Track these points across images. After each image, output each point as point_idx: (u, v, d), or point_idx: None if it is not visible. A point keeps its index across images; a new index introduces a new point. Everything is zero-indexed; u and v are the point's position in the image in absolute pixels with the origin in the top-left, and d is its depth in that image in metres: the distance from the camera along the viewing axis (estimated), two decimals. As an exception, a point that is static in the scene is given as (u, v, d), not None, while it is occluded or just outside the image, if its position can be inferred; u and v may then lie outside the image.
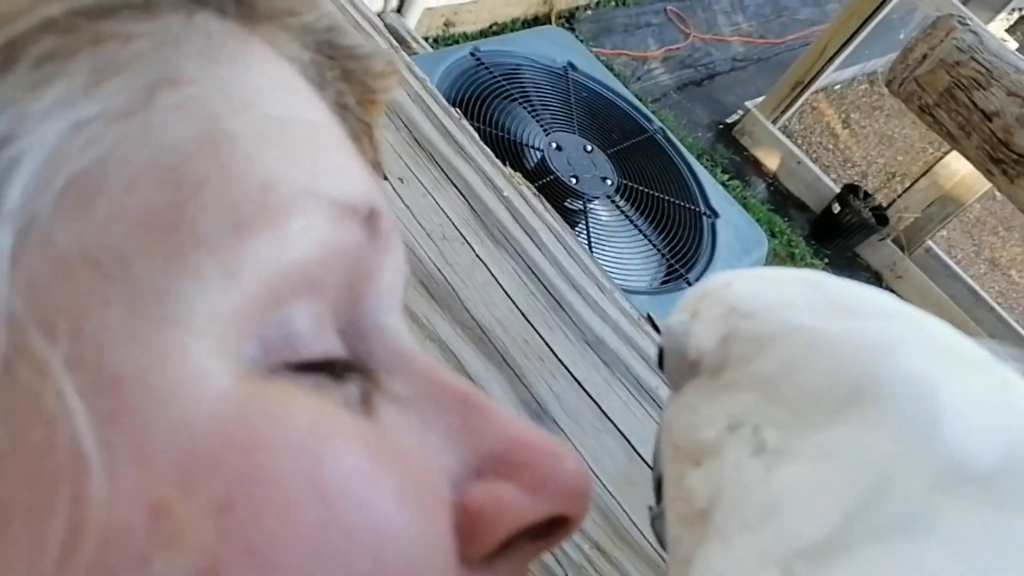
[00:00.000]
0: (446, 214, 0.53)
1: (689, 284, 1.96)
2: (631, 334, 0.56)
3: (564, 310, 0.53)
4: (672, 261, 2.03)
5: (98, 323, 0.16)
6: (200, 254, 0.17)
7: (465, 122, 0.59)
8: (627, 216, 2.05)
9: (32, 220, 0.16)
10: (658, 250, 2.02)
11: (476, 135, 0.58)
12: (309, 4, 0.23)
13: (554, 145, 2.13)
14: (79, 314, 0.16)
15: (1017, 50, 1.42)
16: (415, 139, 0.56)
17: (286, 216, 0.19)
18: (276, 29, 0.22)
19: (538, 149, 2.06)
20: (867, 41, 3.47)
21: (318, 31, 0.24)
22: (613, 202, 2.04)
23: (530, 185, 0.59)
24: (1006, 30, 5.28)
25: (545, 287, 0.53)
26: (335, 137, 0.22)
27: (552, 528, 0.22)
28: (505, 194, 0.55)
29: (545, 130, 2.11)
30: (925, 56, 0.95)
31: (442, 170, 0.55)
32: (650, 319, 0.58)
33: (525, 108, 2.13)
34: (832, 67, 3.43)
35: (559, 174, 2.04)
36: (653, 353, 0.56)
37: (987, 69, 0.92)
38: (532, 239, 0.54)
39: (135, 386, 0.16)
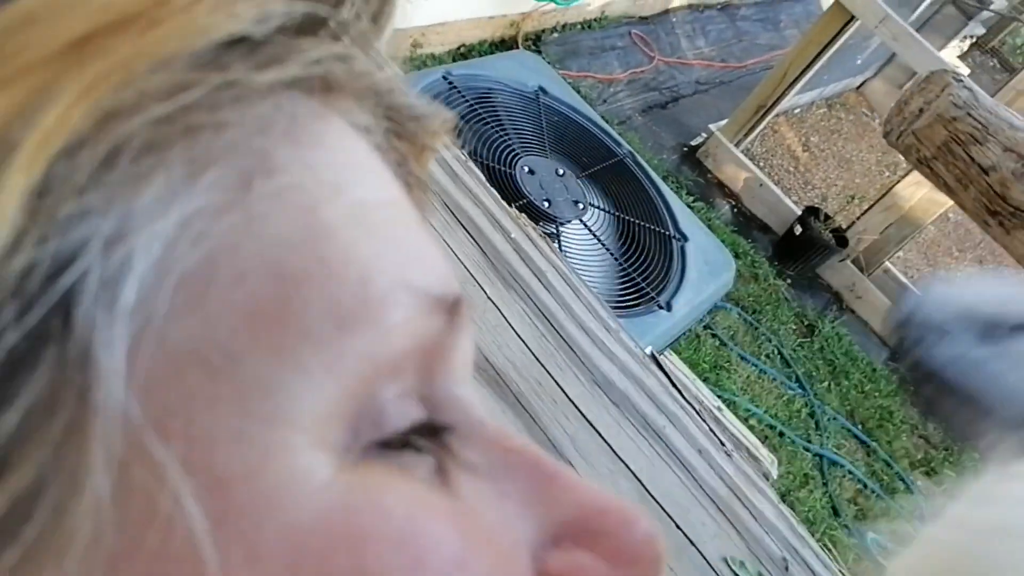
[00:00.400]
0: (457, 257, 0.54)
1: (661, 307, 1.99)
2: (638, 374, 0.57)
3: (574, 351, 0.54)
4: (643, 284, 2.06)
5: (208, 422, 0.16)
6: (305, 350, 0.17)
7: (472, 164, 0.59)
8: (599, 239, 2.07)
9: (147, 321, 0.16)
10: (630, 273, 2.04)
11: (483, 177, 0.59)
12: (376, 64, 0.23)
13: (527, 169, 2.15)
14: (190, 414, 0.16)
15: (969, 75, 1.46)
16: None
17: (384, 312, 0.19)
18: (350, 99, 0.22)
19: (511, 173, 2.07)
20: (825, 66, 3.55)
21: (383, 94, 0.24)
22: (585, 225, 2.06)
23: (535, 226, 0.60)
24: (958, 56, 5.44)
25: (555, 328, 0.54)
26: (411, 215, 0.22)
27: None
28: (513, 236, 0.56)
29: (518, 154, 2.13)
30: (922, 110, 0.98)
31: (452, 212, 0.56)
32: (654, 357, 0.59)
33: (498, 132, 2.15)
34: (793, 91, 3.51)
35: (532, 198, 2.06)
36: (659, 392, 0.58)
37: (983, 125, 0.95)
38: (540, 281, 0.56)
39: (245, 486, 0.16)
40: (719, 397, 2.31)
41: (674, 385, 0.56)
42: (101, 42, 0.16)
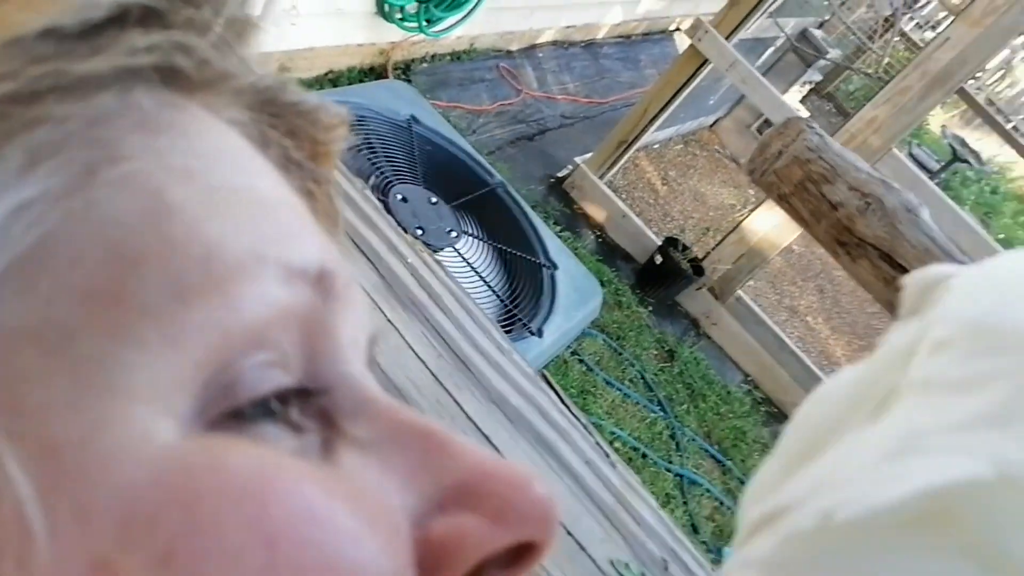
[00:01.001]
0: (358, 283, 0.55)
1: (532, 333, 2.04)
2: (530, 392, 0.60)
3: (470, 371, 0.56)
4: (515, 310, 2.10)
5: (40, 396, 0.17)
6: (143, 324, 0.18)
7: (368, 191, 0.61)
8: (472, 267, 2.11)
9: None
10: (502, 300, 2.08)
11: (378, 203, 0.61)
12: (244, 67, 0.23)
13: (400, 197, 2.16)
14: (22, 388, 0.17)
15: (809, 118, 1.61)
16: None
17: (232, 283, 0.19)
18: (212, 95, 0.22)
19: (384, 201, 2.08)
20: (682, 105, 3.75)
21: (257, 91, 0.24)
22: (459, 253, 2.09)
23: (431, 252, 0.63)
24: (800, 100, 5.85)
25: (452, 349, 0.56)
26: (282, 200, 0.23)
27: (520, 555, 0.22)
28: (409, 260, 0.58)
29: (391, 182, 2.14)
30: (781, 152, 1.08)
31: (350, 238, 0.57)
32: (543, 376, 0.63)
33: (370, 160, 2.16)
34: (652, 128, 3.68)
35: (405, 226, 2.07)
36: (549, 408, 0.61)
37: (832, 166, 1.06)
38: (437, 304, 0.58)
39: (76, 452, 0.17)
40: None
41: (562, 401, 0.60)
42: None
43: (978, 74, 8.47)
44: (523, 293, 2.20)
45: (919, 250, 1.04)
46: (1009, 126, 8.57)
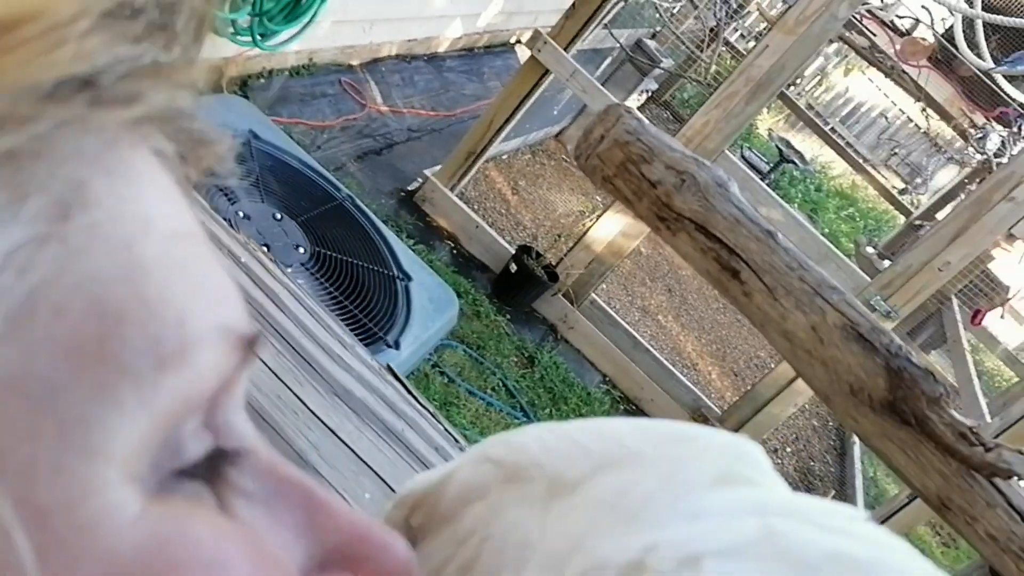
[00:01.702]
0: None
1: (389, 345, 2.02)
2: (375, 383, 0.59)
3: (311, 366, 0.55)
4: (370, 324, 2.07)
5: (27, 453, 0.17)
6: (124, 386, 0.18)
7: (193, 192, 0.59)
8: (322, 282, 2.06)
9: None
10: (355, 314, 2.05)
11: (207, 205, 0.58)
12: (192, 99, 0.22)
13: (241, 214, 2.10)
14: (9, 444, 0.16)
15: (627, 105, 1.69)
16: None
17: (199, 352, 0.19)
18: (153, 124, 0.21)
19: (226, 219, 2.01)
20: (527, 116, 3.82)
21: (179, 119, 0.23)
22: (308, 270, 2.04)
23: (266, 251, 0.61)
24: (638, 108, 6.08)
25: (291, 346, 0.54)
26: (209, 245, 0.23)
27: None
28: (243, 260, 0.56)
29: (231, 199, 2.07)
30: (602, 137, 1.13)
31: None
32: (390, 369, 0.62)
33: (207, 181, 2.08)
34: (499, 138, 3.73)
35: (251, 243, 2.00)
36: (396, 399, 0.60)
37: (649, 148, 1.12)
38: (274, 301, 0.56)
39: (65, 519, 0.17)
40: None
41: (409, 392, 0.59)
42: None
43: (798, 80, 9.09)
44: (377, 306, 2.18)
45: (730, 221, 1.11)
46: (827, 128, 9.24)
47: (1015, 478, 1.04)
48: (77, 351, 0.17)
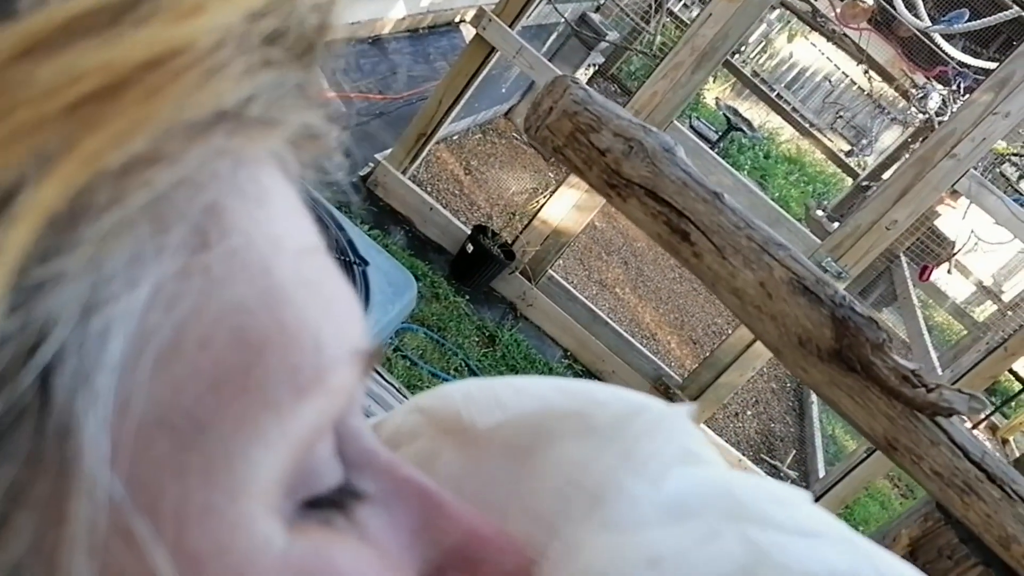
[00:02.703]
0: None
1: (349, 331, 2.01)
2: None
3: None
4: (329, 311, 2.06)
5: (178, 495, 0.16)
6: (265, 417, 0.17)
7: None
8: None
9: (125, 391, 0.16)
10: (314, 302, 2.04)
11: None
12: (311, 106, 0.20)
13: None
14: (161, 487, 0.16)
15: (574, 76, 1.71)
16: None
17: (331, 375, 0.19)
18: (287, 145, 0.20)
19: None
20: (475, 95, 3.81)
21: (308, 133, 0.21)
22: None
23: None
24: (586, 82, 6.09)
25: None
26: (329, 257, 0.22)
27: None
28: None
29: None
30: (551, 108, 1.14)
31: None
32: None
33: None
34: (449, 119, 3.72)
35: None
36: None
37: (596, 117, 1.13)
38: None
39: (217, 562, 0.17)
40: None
41: (375, 370, 0.60)
42: (99, 108, 0.15)
43: (742, 48, 9.18)
44: (336, 293, 2.17)
45: (678, 184, 1.13)
46: (773, 94, 9.36)
47: (956, 416, 1.09)
48: (221, 384, 0.17)
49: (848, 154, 9.62)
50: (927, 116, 6.71)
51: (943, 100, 6.45)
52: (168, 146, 0.16)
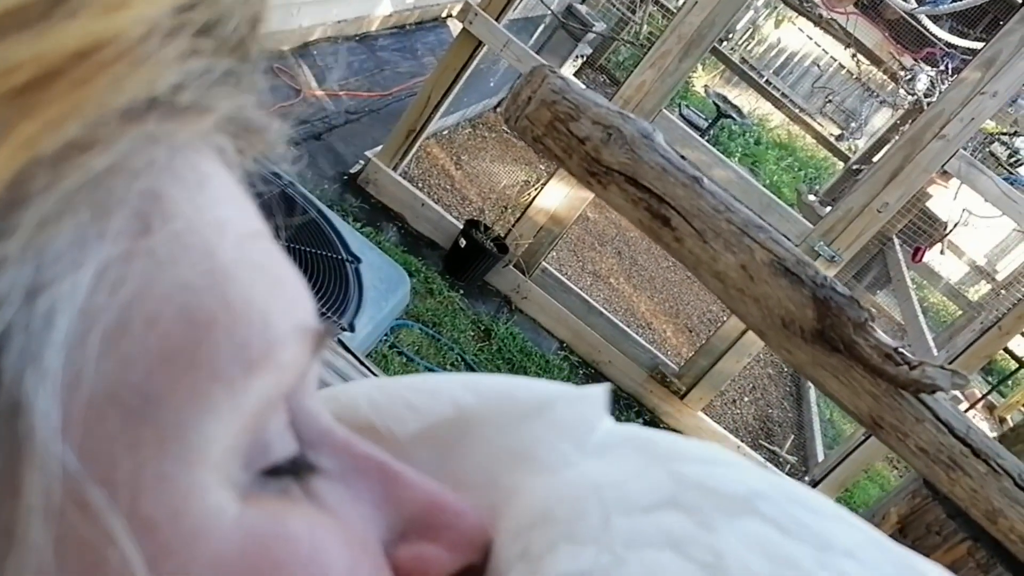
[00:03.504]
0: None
1: (344, 329, 2.02)
2: (327, 357, 0.60)
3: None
4: (323, 310, 2.07)
5: (132, 466, 0.17)
6: (216, 391, 0.18)
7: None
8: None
9: (74, 367, 0.16)
10: (307, 300, 2.04)
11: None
12: (243, 92, 0.21)
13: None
14: (115, 458, 0.17)
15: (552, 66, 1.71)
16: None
17: (282, 351, 0.20)
18: (221, 132, 0.21)
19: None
20: (464, 89, 3.81)
21: (239, 118, 0.22)
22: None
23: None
24: (574, 74, 6.09)
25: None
26: (272, 239, 0.23)
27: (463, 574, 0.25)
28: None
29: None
30: (530, 98, 1.14)
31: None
32: (340, 342, 0.63)
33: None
34: (438, 115, 3.71)
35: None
36: (348, 370, 0.61)
37: (575, 105, 1.14)
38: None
39: (171, 527, 0.17)
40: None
41: (360, 362, 0.60)
42: (32, 96, 0.15)
43: (730, 35, 9.17)
44: (329, 291, 2.17)
45: (657, 170, 1.14)
46: (762, 80, 9.35)
47: (939, 392, 1.10)
48: (171, 360, 0.18)
49: (838, 138, 9.63)
50: (916, 98, 6.71)
51: (931, 81, 6.46)
52: (101, 132, 0.16)
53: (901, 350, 1.05)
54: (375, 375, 0.61)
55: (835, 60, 10.08)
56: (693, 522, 0.24)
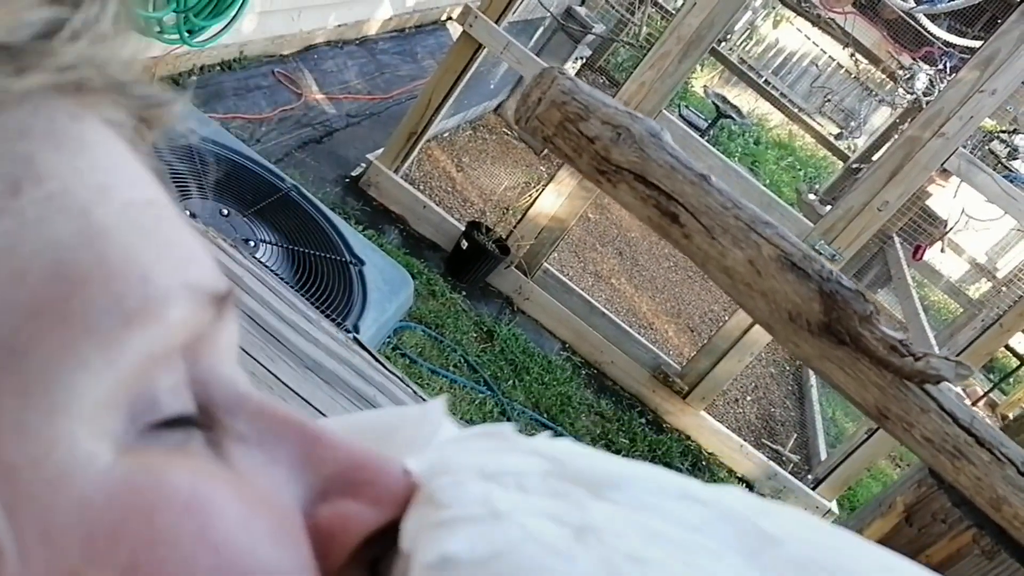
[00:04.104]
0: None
1: (348, 331, 2.03)
2: (343, 354, 0.61)
3: (280, 342, 0.57)
4: (328, 312, 2.08)
5: None
6: (88, 344, 0.19)
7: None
8: (276, 274, 2.06)
9: None
10: (312, 304, 2.05)
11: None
12: (131, 66, 0.23)
13: (188, 213, 2.08)
14: None
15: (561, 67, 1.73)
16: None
17: (166, 308, 0.20)
18: (100, 96, 0.22)
19: (172, 218, 1.99)
20: (464, 92, 3.82)
21: (127, 86, 0.23)
22: (260, 262, 2.03)
23: (225, 237, 0.62)
24: (574, 75, 6.08)
25: (259, 325, 0.56)
26: (174, 210, 0.23)
27: (388, 531, 0.24)
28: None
29: (175, 200, 2.05)
30: (540, 99, 1.16)
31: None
32: (356, 340, 0.64)
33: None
34: (439, 117, 3.72)
35: (199, 241, 2.00)
36: (365, 367, 0.62)
37: (584, 106, 1.16)
38: (238, 284, 0.57)
39: (31, 473, 0.18)
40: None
41: (376, 359, 0.61)
42: None
43: (728, 35, 9.18)
44: (333, 293, 2.18)
45: (666, 168, 1.16)
46: (761, 80, 9.36)
47: (944, 383, 1.11)
48: (38, 314, 0.18)
49: (838, 137, 9.64)
50: (915, 96, 6.72)
51: (930, 80, 6.47)
52: None
53: (906, 342, 1.06)
54: (392, 372, 0.62)
55: (833, 60, 10.09)
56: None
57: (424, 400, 0.65)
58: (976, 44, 4.69)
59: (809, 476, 4.09)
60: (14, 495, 0.17)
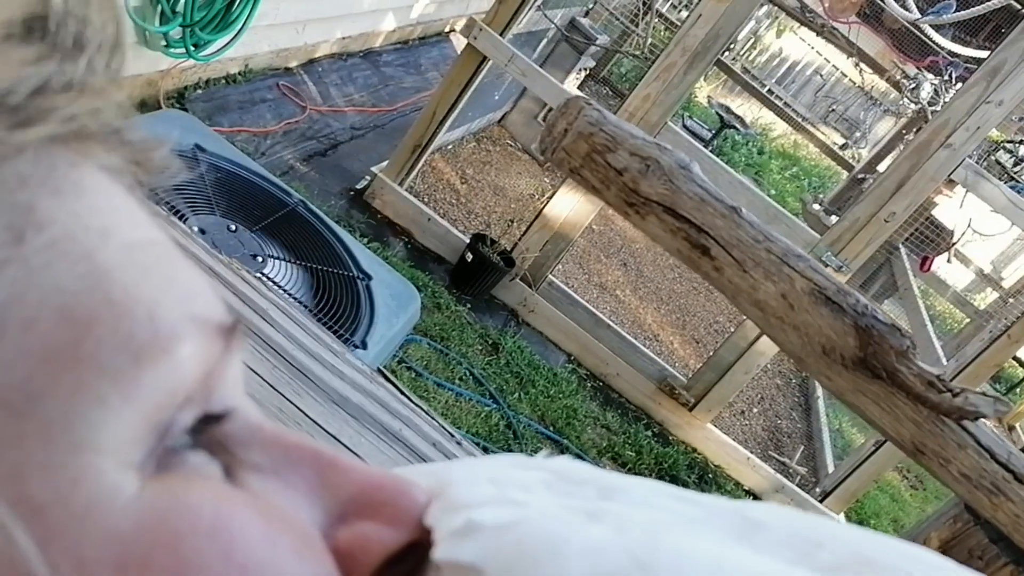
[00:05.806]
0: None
1: (356, 346, 2.02)
2: (369, 388, 0.60)
3: (307, 376, 0.56)
4: (335, 327, 2.07)
5: (15, 458, 0.18)
6: (103, 383, 0.19)
7: (174, 218, 0.59)
8: (284, 289, 2.05)
9: None
10: (319, 318, 2.04)
11: (187, 229, 0.58)
12: (123, 112, 0.24)
13: (196, 229, 2.07)
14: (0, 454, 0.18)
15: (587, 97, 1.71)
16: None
17: (176, 343, 0.21)
18: (98, 144, 0.23)
19: (180, 234, 1.98)
20: (469, 104, 3.82)
21: (110, 133, 0.24)
22: (268, 278, 2.02)
23: (249, 270, 0.61)
24: (577, 87, 6.10)
25: (285, 359, 0.55)
26: (175, 249, 0.24)
27: (410, 552, 0.25)
28: (230, 280, 0.56)
29: (183, 216, 2.04)
30: (566, 130, 1.15)
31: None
32: (381, 372, 0.63)
33: (159, 196, 2.05)
34: (443, 129, 3.72)
35: (207, 257, 1.98)
36: (390, 400, 0.61)
37: (612, 137, 1.15)
38: (263, 318, 0.56)
39: (59, 509, 0.18)
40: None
41: (402, 393, 0.60)
42: None
43: (732, 45, 9.19)
44: (341, 308, 2.17)
45: (696, 200, 1.15)
46: (765, 90, 9.37)
47: (982, 419, 1.09)
48: (52, 358, 0.19)
49: (842, 147, 9.63)
50: (920, 106, 6.72)
51: (935, 90, 6.46)
52: None
53: (943, 378, 1.05)
54: (418, 405, 0.61)
55: (837, 69, 10.10)
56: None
57: (449, 432, 0.64)
58: (981, 54, 4.69)
59: (817, 488, 4.07)
60: (46, 531, 0.18)
